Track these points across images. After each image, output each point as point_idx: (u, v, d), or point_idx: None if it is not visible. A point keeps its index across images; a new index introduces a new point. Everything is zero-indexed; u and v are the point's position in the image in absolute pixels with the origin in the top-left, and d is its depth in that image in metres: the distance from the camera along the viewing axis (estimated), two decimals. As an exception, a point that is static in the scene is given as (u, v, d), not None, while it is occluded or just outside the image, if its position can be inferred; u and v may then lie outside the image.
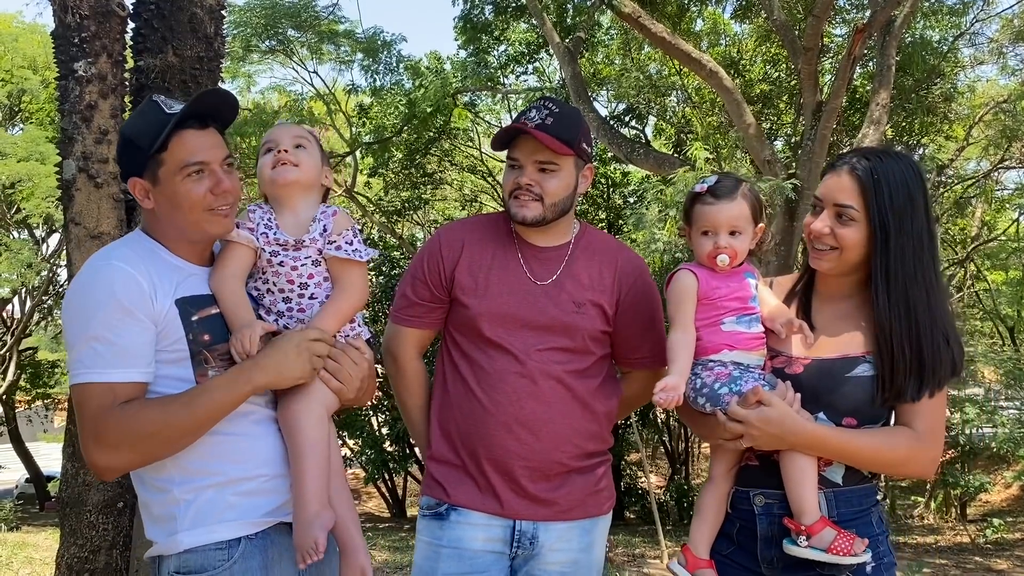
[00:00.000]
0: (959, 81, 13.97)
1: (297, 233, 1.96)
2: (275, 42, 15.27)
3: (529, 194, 2.19)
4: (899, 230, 1.92)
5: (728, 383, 1.98)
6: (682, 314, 2.03)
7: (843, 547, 1.86)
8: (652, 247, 9.48)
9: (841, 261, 1.99)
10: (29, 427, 26.79)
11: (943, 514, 14.84)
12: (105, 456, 1.76)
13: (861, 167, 1.95)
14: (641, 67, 14.37)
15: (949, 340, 1.93)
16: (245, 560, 1.83)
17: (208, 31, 3.83)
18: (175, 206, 1.86)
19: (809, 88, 10.00)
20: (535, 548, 2.21)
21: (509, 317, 2.21)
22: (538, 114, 2.16)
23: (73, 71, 3.61)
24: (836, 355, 1.98)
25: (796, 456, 1.92)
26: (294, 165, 1.97)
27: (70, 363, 1.80)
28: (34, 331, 21.37)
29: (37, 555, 9.48)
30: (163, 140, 1.82)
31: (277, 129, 2.04)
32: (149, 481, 1.87)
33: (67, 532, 3.66)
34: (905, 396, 1.92)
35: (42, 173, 14.98)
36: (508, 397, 2.18)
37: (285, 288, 1.97)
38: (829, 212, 1.98)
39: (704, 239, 2.05)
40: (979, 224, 17.90)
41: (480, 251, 2.28)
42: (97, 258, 1.89)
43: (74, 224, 3.63)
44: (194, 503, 1.84)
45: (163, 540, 1.86)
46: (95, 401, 1.76)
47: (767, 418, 1.89)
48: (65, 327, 1.83)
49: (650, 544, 10.69)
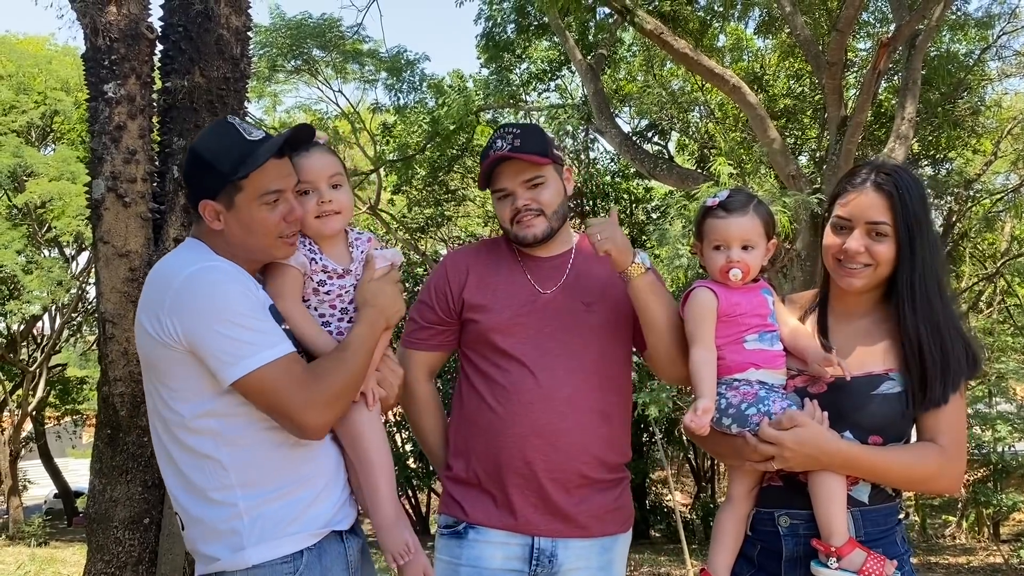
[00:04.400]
0: (986, 94, 13.84)
1: (342, 262, 2.02)
2: (300, 62, 15.49)
3: (530, 213, 2.24)
4: (921, 241, 1.93)
5: (755, 403, 1.93)
6: (703, 332, 1.99)
7: (874, 569, 1.82)
8: (676, 263, 9.44)
9: (875, 277, 1.98)
10: (58, 443, 27.10)
11: (975, 534, 14.56)
12: (322, 415, 1.82)
13: (886, 183, 1.94)
14: (664, 83, 14.38)
15: (967, 341, 1.94)
16: (308, 571, 1.85)
17: (234, 52, 3.88)
18: (249, 231, 1.88)
19: (834, 103, 9.94)
20: (554, 566, 2.19)
21: (519, 327, 2.23)
22: (503, 142, 2.22)
23: (103, 92, 3.67)
24: (860, 373, 1.95)
25: (826, 476, 1.89)
26: (336, 213, 2.01)
27: (230, 353, 1.76)
28: (63, 348, 21.64)
29: (65, 570, 9.56)
30: (250, 170, 1.82)
31: (310, 164, 1.99)
32: (208, 496, 1.85)
33: (94, 548, 3.68)
34: (936, 402, 1.91)
35: (73, 192, 15.21)
36: (524, 407, 2.18)
37: (327, 313, 2.01)
38: (861, 230, 1.96)
39: (716, 253, 2.03)
40: (1008, 239, 17.64)
41: (486, 271, 2.33)
42: (194, 262, 1.85)
43: (102, 243, 3.68)
44: (260, 518, 1.84)
45: (227, 556, 1.84)
46: (290, 374, 1.79)
47: (801, 439, 1.86)
48: (202, 323, 1.77)
49: (676, 563, 10.59)
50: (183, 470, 1.87)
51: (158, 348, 1.83)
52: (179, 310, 1.78)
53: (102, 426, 3.80)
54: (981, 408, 11.57)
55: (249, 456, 1.85)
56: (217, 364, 1.78)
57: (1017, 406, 13.16)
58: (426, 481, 15.29)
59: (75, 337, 22.25)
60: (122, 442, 3.73)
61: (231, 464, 1.84)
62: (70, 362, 22.38)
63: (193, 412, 1.84)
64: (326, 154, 2.03)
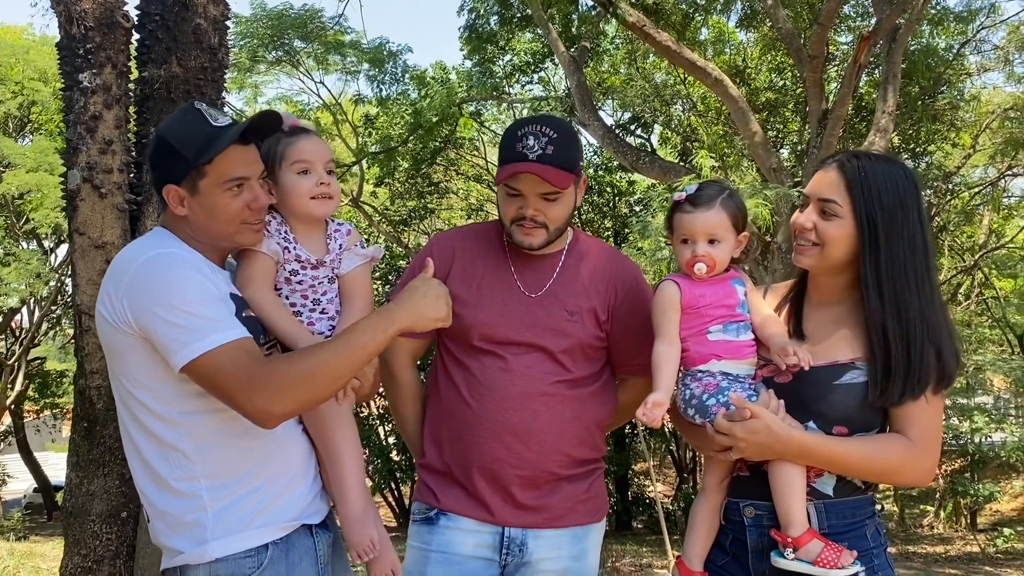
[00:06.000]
0: (965, 88, 13.95)
1: (317, 253, 1.99)
2: (281, 53, 15.36)
3: (534, 223, 2.16)
4: (890, 230, 1.88)
5: (716, 394, 1.94)
6: (665, 325, 1.99)
7: (830, 559, 1.81)
8: (658, 255, 9.48)
9: (822, 257, 1.95)
10: (37, 437, 26.86)
11: (953, 523, 14.73)
12: (272, 402, 1.72)
13: (850, 164, 1.92)
14: (646, 76, 14.40)
15: (941, 352, 1.87)
16: (273, 566, 1.83)
17: (212, 42, 3.84)
18: (212, 218, 1.87)
19: (815, 96, 10.00)
20: (525, 555, 2.19)
21: (501, 329, 2.19)
22: (536, 143, 2.09)
23: (78, 82, 3.62)
24: (825, 362, 1.93)
25: (783, 466, 1.88)
26: (329, 198, 1.99)
27: (177, 339, 1.74)
28: (42, 341, 21.43)
29: (44, 565, 9.49)
30: (212, 155, 1.82)
31: (311, 147, 1.99)
32: (172, 487, 1.83)
33: (71, 542, 3.65)
34: (892, 399, 1.87)
35: (51, 184, 15.03)
36: (498, 405, 2.16)
37: (298, 303, 1.99)
38: (814, 207, 1.95)
39: (684, 247, 2.03)
40: (987, 232, 17.81)
41: (472, 261, 2.27)
42: (151, 248, 1.85)
43: (78, 234, 3.64)
44: (224, 510, 1.82)
45: (190, 549, 1.82)
46: (239, 359, 1.74)
47: (752, 428, 1.85)
48: (150, 308, 1.75)
49: (657, 554, 10.65)
50: (148, 459, 1.85)
51: (115, 334, 1.82)
52: (131, 296, 1.78)
53: (79, 419, 3.76)
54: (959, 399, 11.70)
55: (212, 446, 1.82)
56: (166, 349, 1.76)
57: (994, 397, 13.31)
58: (409, 474, 15.29)
59: (54, 330, 22.03)
60: (99, 435, 3.69)
61: (195, 454, 1.82)
62: (49, 355, 22.15)
63: (154, 400, 1.82)
64: (321, 140, 2.03)
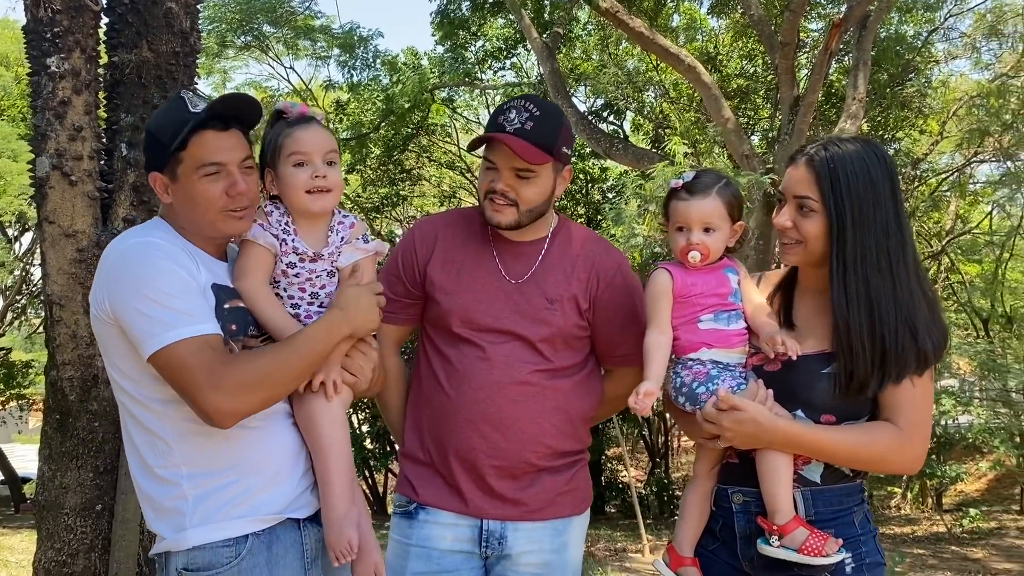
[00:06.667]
0: (933, 76, 14.10)
1: (316, 245, 1.95)
2: (251, 38, 15.14)
3: (504, 199, 2.13)
4: (859, 218, 1.87)
5: (705, 382, 1.95)
6: (657, 313, 2.00)
7: (815, 547, 1.83)
8: (631, 242, 9.50)
9: (807, 253, 1.95)
10: (3, 428, 26.41)
11: (919, 504, 15.00)
12: (228, 401, 1.73)
13: (818, 157, 1.91)
14: (619, 63, 14.38)
15: (916, 332, 1.86)
16: (252, 557, 1.81)
17: (184, 26, 3.77)
18: (192, 204, 1.88)
19: (787, 82, 10.05)
20: (504, 548, 2.17)
21: (480, 315, 2.17)
22: (517, 116, 2.08)
23: (46, 67, 3.54)
24: (813, 351, 1.94)
25: (770, 454, 1.89)
26: (329, 191, 1.94)
27: (145, 330, 1.75)
28: (7, 331, 21.04)
29: (13, 558, 9.35)
30: (182, 139, 1.84)
31: (308, 137, 1.94)
32: (156, 473, 1.84)
33: (44, 536, 3.59)
34: (867, 390, 1.87)
35: (14, 171, 14.71)
36: (476, 394, 2.14)
37: (296, 295, 1.96)
38: (790, 205, 1.96)
39: (678, 235, 2.03)
40: (953, 217, 18.08)
41: (454, 247, 2.24)
42: (133, 237, 1.88)
43: (48, 222, 3.57)
44: (203, 499, 1.81)
45: (170, 536, 1.83)
46: (200, 354, 1.74)
47: (739, 419, 1.86)
48: (123, 298, 1.77)
49: (631, 538, 10.73)
50: (137, 445, 1.88)
51: (98, 323, 1.85)
52: (108, 285, 1.80)
53: (50, 411, 3.70)
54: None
55: (192, 435, 1.83)
56: (136, 339, 1.77)
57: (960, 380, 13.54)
58: (383, 462, 15.24)
59: (19, 320, 21.64)
60: (72, 427, 3.64)
61: (175, 443, 1.83)
62: (15, 345, 21.76)
63: (136, 388, 1.84)
64: (322, 129, 1.98)
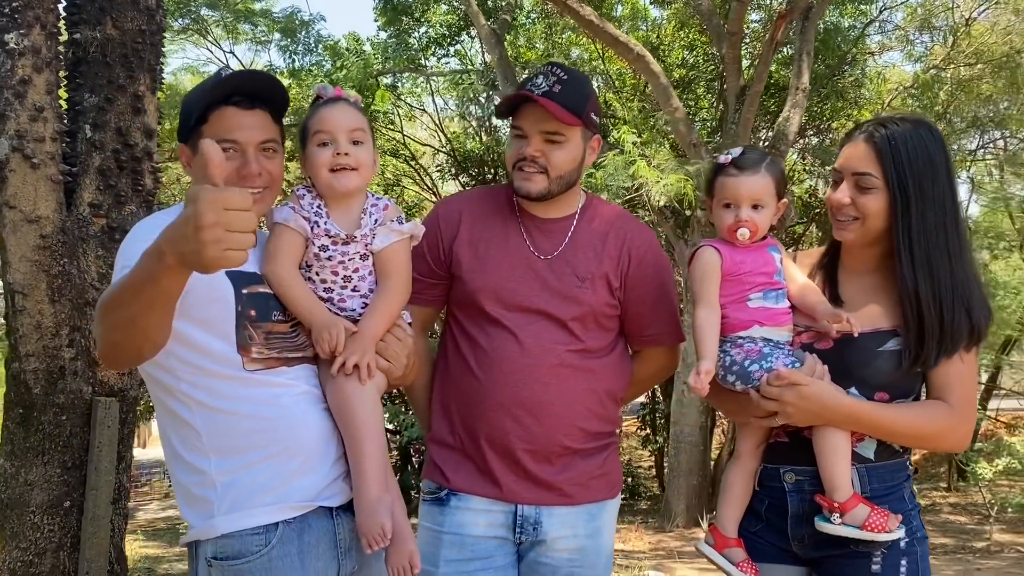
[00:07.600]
0: (868, 67, 14.49)
1: (349, 228, 1.89)
2: (188, 21, 14.69)
3: (535, 166, 2.08)
4: (920, 195, 1.90)
5: (759, 360, 1.93)
6: (707, 292, 1.97)
7: (878, 524, 1.84)
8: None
9: (864, 230, 1.96)
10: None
11: (854, 483, 15.50)
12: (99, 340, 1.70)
13: (878, 134, 1.93)
14: (563, 52, 14.39)
15: (971, 308, 1.91)
16: (283, 545, 1.76)
17: (150, 3, 3.63)
18: None
19: (733, 72, 10.22)
20: (539, 534, 2.14)
21: (509, 293, 2.12)
22: (545, 81, 2.05)
23: (4, 43, 3.37)
24: (868, 329, 1.94)
25: (830, 431, 1.88)
26: (353, 169, 1.87)
27: None
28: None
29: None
30: (200, 114, 1.84)
31: (331, 115, 1.88)
32: (186, 460, 1.80)
33: (9, 535, 3.44)
34: (929, 363, 1.90)
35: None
36: (507, 377, 2.09)
37: (328, 279, 1.89)
38: (848, 182, 1.95)
39: (726, 212, 2.00)
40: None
41: (480, 224, 2.19)
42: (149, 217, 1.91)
43: (8, 207, 3.41)
44: (232, 486, 1.76)
45: (199, 524, 1.78)
46: None
47: (803, 395, 1.85)
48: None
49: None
50: (167, 432, 1.84)
51: None
52: None
53: (12, 405, 3.54)
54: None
55: (218, 421, 1.78)
56: None
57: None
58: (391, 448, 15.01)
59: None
60: (36, 421, 3.48)
61: (203, 428, 1.78)
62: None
63: (165, 374, 1.79)
64: (350, 108, 1.90)
